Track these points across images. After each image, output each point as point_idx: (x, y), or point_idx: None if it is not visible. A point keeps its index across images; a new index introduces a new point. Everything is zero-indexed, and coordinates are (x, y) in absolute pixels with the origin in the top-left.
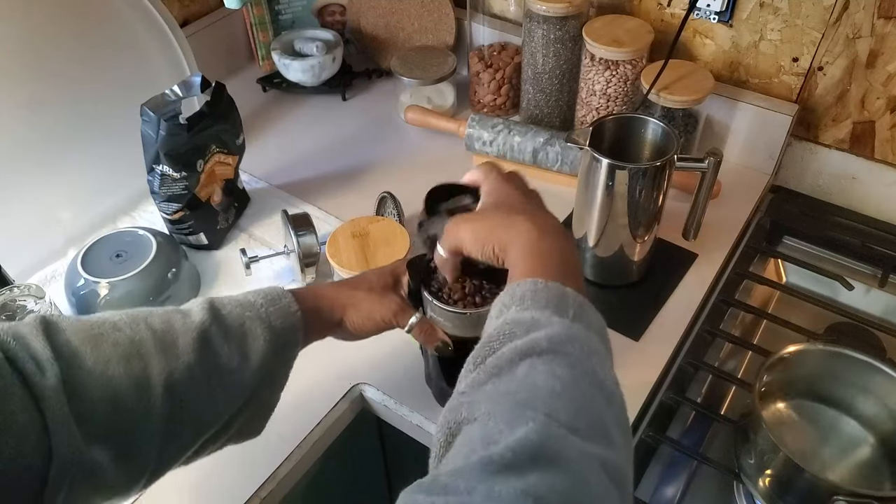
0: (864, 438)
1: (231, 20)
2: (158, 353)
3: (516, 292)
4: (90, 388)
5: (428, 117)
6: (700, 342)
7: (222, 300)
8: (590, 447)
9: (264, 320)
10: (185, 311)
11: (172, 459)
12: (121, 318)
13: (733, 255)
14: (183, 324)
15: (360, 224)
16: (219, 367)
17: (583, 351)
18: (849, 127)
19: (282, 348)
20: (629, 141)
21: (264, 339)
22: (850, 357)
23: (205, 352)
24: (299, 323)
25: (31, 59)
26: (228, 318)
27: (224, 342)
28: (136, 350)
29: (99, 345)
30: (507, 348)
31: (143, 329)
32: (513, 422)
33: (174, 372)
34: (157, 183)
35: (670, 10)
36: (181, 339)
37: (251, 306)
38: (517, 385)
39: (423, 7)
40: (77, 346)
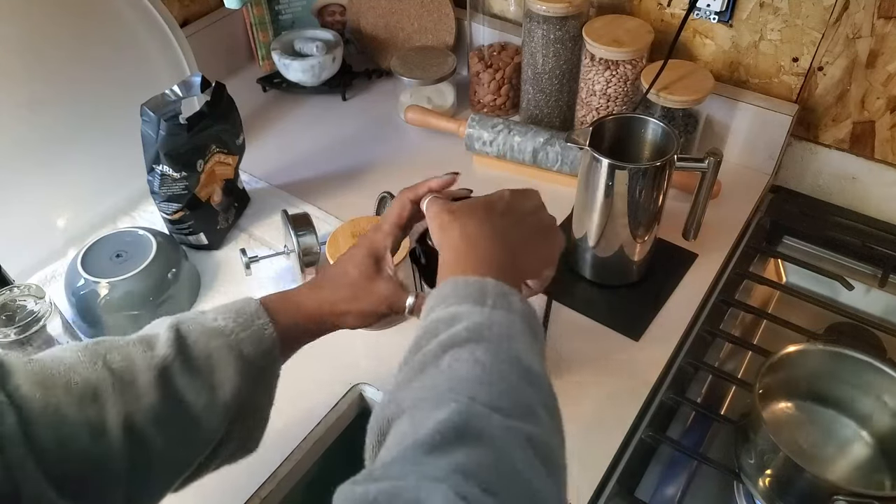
0: (864, 438)
1: (231, 20)
2: (116, 393)
3: (441, 293)
4: (40, 434)
5: (428, 117)
6: (700, 342)
7: (189, 326)
8: (513, 423)
9: (234, 348)
10: (150, 340)
11: (149, 496)
12: (78, 357)
13: (733, 255)
14: (143, 359)
15: (360, 224)
16: (185, 405)
17: (502, 335)
18: (849, 127)
19: (257, 375)
20: (629, 141)
21: (235, 369)
22: (850, 357)
23: (167, 390)
24: (275, 345)
25: (32, 59)
26: (194, 348)
27: (190, 378)
28: (91, 392)
29: (49, 388)
30: (431, 344)
31: (100, 368)
32: (437, 407)
33: (134, 413)
34: (157, 183)
35: (670, 10)
36: (141, 378)
37: (219, 333)
38: (442, 376)
39: (423, 7)
40: (26, 393)
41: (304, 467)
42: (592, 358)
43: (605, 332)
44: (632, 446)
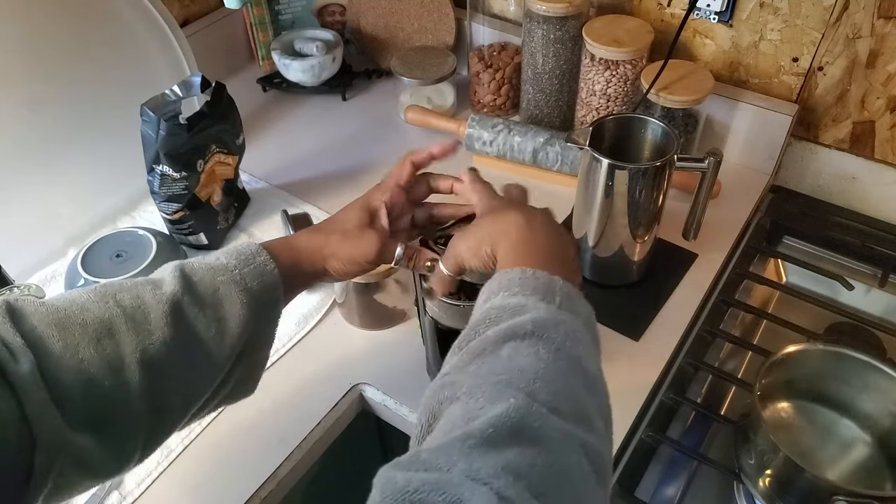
0: (864, 438)
1: (231, 20)
2: (129, 330)
3: (504, 279)
4: (62, 373)
5: (428, 117)
6: (700, 342)
7: (193, 265)
8: (570, 427)
9: (239, 283)
10: (157, 280)
11: (163, 433)
12: (88, 297)
13: (733, 255)
14: (153, 296)
15: None
16: (196, 338)
17: (567, 337)
18: (849, 127)
19: (262, 309)
20: (629, 141)
21: (241, 302)
22: (850, 357)
23: (179, 324)
24: (278, 281)
25: (32, 60)
26: (200, 284)
27: (199, 311)
28: (105, 329)
29: (66, 328)
30: (492, 331)
31: (112, 306)
32: (494, 399)
33: (148, 348)
34: (157, 183)
35: (670, 10)
36: (153, 314)
37: (224, 269)
38: (500, 366)
39: (423, 7)
40: (43, 332)
41: (304, 467)
42: None
43: (604, 332)
44: (632, 446)
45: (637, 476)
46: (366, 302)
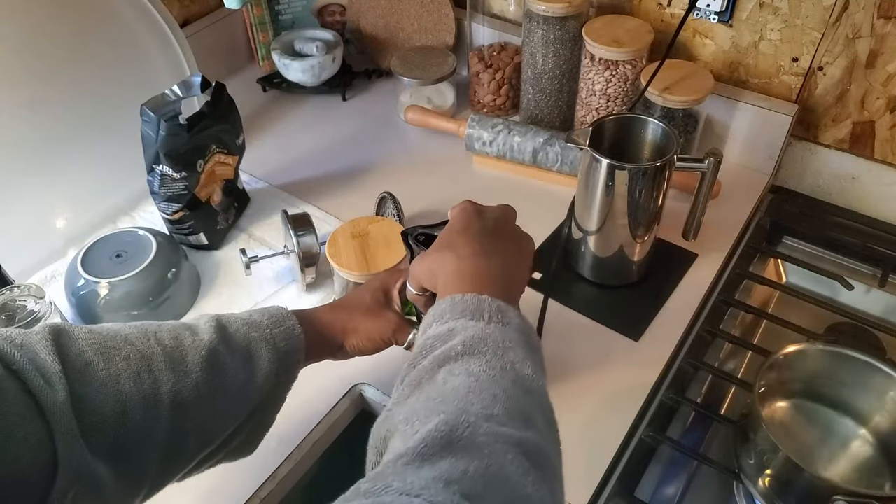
0: (864, 438)
1: (231, 20)
2: (168, 369)
3: (436, 311)
4: (100, 401)
5: (428, 117)
6: (700, 342)
7: (229, 318)
8: (505, 430)
9: (269, 341)
10: (193, 327)
11: (171, 475)
12: (131, 331)
13: (733, 255)
14: (192, 341)
15: (360, 224)
16: (224, 385)
17: (497, 347)
18: (849, 127)
19: (284, 370)
20: (629, 141)
21: (269, 359)
22: (849, 357)
23: (213, 370)
24: (302, 345)
25: (32, 60)
26: (235, 336)
27: (231, 360)
28: (146, 365)
29: (111, 358)
30: (427, 360)
31: (153, 344)
32: (427, 419)
33: (182, 389)
34: (157, 183)
35: (670, 10)
36: (190, 356)
37: (257, 326)
38: (436, 391)
39: (423, 7)
40: (90, 359)
41: (304, 467)
42: (592, 358)
43: (604, 332)
44: (632, 446)
45: (637, 476)
46: None
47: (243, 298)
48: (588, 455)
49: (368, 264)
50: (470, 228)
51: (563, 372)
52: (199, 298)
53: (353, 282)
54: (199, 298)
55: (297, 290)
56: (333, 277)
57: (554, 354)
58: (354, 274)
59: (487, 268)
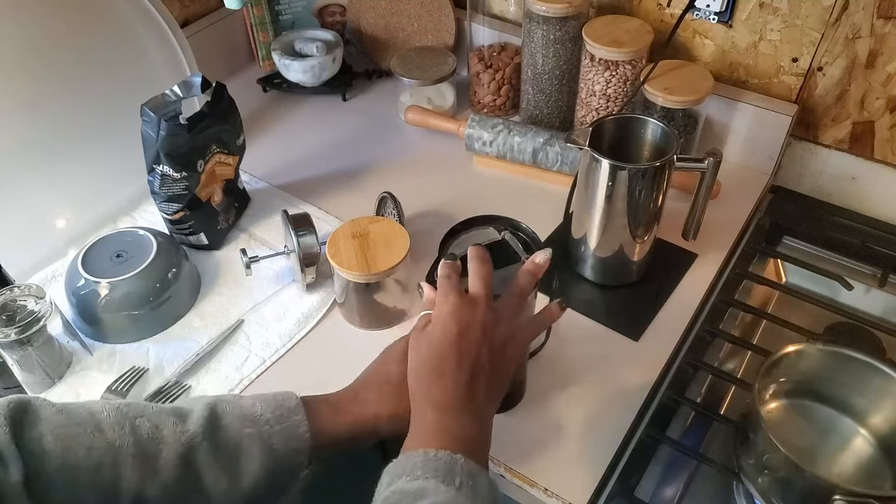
0: (864, 438)
1: (231, 20)
2: (135, 465)
3: (407, 463)
4: (51, 491)
5: (428, 117)
6: (700, 342)
7: (226, 407)
8: None
9: (265, 441)
10: (184, 413)
11: None
12: (108, 416)
13: (733, 255)
14: (173, 432)
15: (360, 224)
16: (200, 488)
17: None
18: (848, 127)
19: (279, 473)
20: (629, 141)
21: (260, 462)
22: (849, 357)
23: (187, 470)
24: (305, 445)
25: (32, 60)
26: (226, 431)
27: (213, 461)
28: (111, 458)
29: (70, 447)
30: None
31: (126, 434)
32: None
33: (147, 488)
34: (157, 183)
35: (670, 10)
36: (165, 452)
37: (255, 421)
38: None
39: (423, 7)
40: (47, 445)
41: None
42: (592, 358)
43: (604, 332)
44: (631, 446)
45: (637, 476)
46: (366, 302)
47: (244, 298)
48: (588, 455)
49: (368, 264)
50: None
51: (562, 372)
52: (200, 298)
53: (353, 282)
54: (200, 298)
55: (297, 289)
56: (333, 277)
57: (554, 354)
58: (354, 274)
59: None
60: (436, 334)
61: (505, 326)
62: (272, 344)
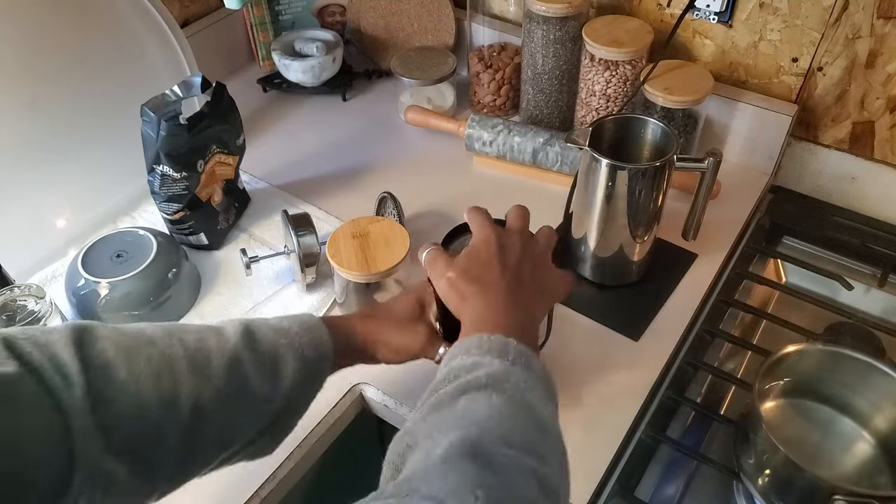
0: (864, 438)
1: (231, 21)
2: (190, 372)
3: (463, 345)
4: (118, 400)
5: (428, 117)
6: (700, 342)
7: (257, 324)
8: (522, 459)
9: (297, 349)
10: (220, 330)
11: (186, 475)
12: (156, 331)
13: (733, 256)
14: (216, 344)
15: (360, 224)
16: (247, 392)
17: (518, 387)
18: (848, 127)
19: (310, 377)
20: (629, 141)
21: (294, 367)
22: (849, 357)
23: (235, 376)
24: (329, 354)
25: (32, 60)
26: (262, 343)
27: (255, 367)
28: (168, 367)
29: (133, 358)
30: (450, 387)
31: (176, 345)
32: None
33: (203, 393)
34: (157, 183)
35: (670, 10)
36: (214, 361)
37: (285, 333)
38: (458, 413)
39: (423, 7)
40: (111, 357)
41: (304, 467)
42: (592, 358)
43: (604, 332)
44: (631, 446)
45: (637, 476)
46: (366, 302)
47: (244, 298)
48: (588, 455)
49: (369, 264)
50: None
51: (563, 372)
52: (200, 298)
53: (353, 282)
54: (200, 298)
55: (297, 289)
56: (334, 277)
57: (554, 354)
58: (355, 274)
59: (515, 318)
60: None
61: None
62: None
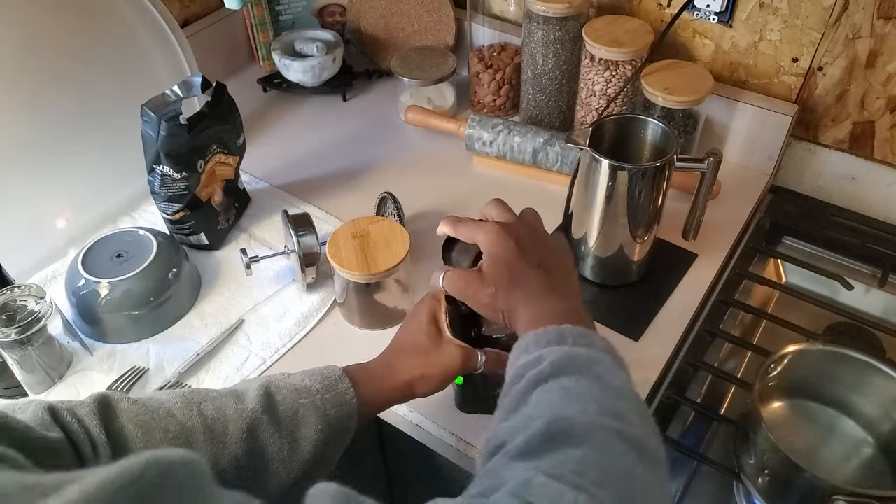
0: (864, 438)
1: (231, 21)
2: (206, 441)
3: (520, 345)
4: None
5: (428, 118)
6: (700, 342)
7: (278, 384)
8: (602, 420)
9: (319, 409)
10: (240, 394)
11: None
12: (176, 402)
13: (733, 256)
14: (235, 410)
15: (360, 224)
16: (266, 457)
17: (584, 364)
18: (848, 127)
19: (334, 436)
20: (629, 141)
21: (317, 428)
22: (849, 357)
23: (254, 442)
24: (354, 410)
25: (32, 61)
26: (282, 405)
27: (275, 431)
28: (185, 438)
29: (150, 431)
30: (520, 384)
31: (195, 416)
32: (527, 428)
33: (220, 461)
34: (157, 183)
35: (670, 10)
36: (231, 427)
37: (306, 392)
38: (531, 409)
39: (423, 7)
40: (129, 432)
41: None
42: None
43: (604, 331)
44: None
45: None
46: (366, 302)
47: (244, 298)
48: None
49: (369, 264)
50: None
51: None
52: (200, 298)
53: (353, 282)
54: (200, 298)
55: (297, 289)
56: (334, 277)
57: None
58: (355, 274)
59: (563, 306)
60: (496, 256)
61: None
62: (272, 344)
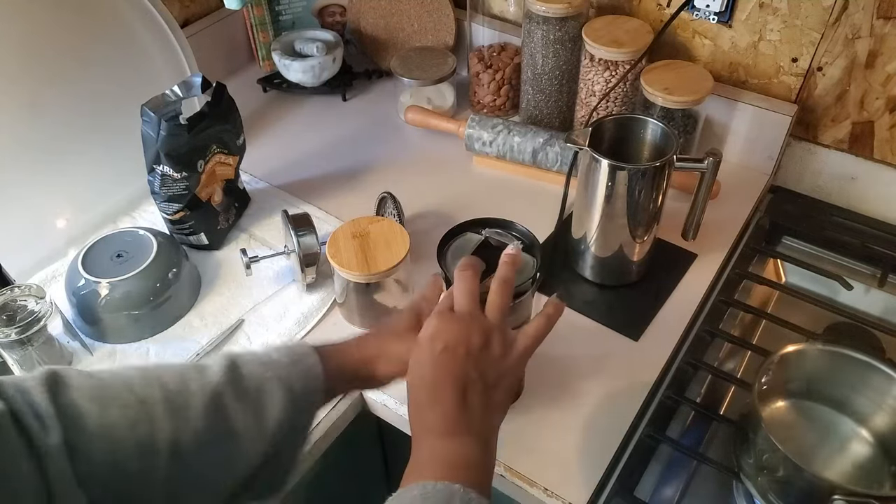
0: (864, 438)
1: (231, 21)
2: (167, 416)
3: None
4: (92, 450)
5: (428, 118)
6: (699, 342)
7: (244, 357)
8: None
9: (284, 381)
10: (203, 368)
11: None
12: (134, 375)
13: (733, 255)
14: (198, 383)
15: (360, 224)
16: (230, 431)
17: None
18: (848, 127)
19: (299, 412)
20: (629, 141)
21: (282, 400)
22: (849, 357)
23: (216, 416)
24: (320, 385)
25: (32, 60)
26: (247, 377)
27: (238, 404)
28: (144, 413)
29: (106, 407)
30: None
31: (155, 390)
32: None
33: (182, 436)
34: (157, 183)
35: (670, 10)
36: (193, 401)
37: (273, 365)
38: None
39: (423, 7)
40: (82, 407)
41: (305, 467)
42: (592, 358)
43: (604, 332)
44: (631, 446)
45: (636, 476)
46: (366, 302)
47: (244, 298)
48: (588, 454)
49: (369, 264)
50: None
51: (562, 372)
52: (200, 298)
53: (353, 282)
54: (200, 298)
55: (297, 289)
56: (334, 277)
57: (553, 354)
58: (355, 274)
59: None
60: (421, 361)
61: (498, 333)
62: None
